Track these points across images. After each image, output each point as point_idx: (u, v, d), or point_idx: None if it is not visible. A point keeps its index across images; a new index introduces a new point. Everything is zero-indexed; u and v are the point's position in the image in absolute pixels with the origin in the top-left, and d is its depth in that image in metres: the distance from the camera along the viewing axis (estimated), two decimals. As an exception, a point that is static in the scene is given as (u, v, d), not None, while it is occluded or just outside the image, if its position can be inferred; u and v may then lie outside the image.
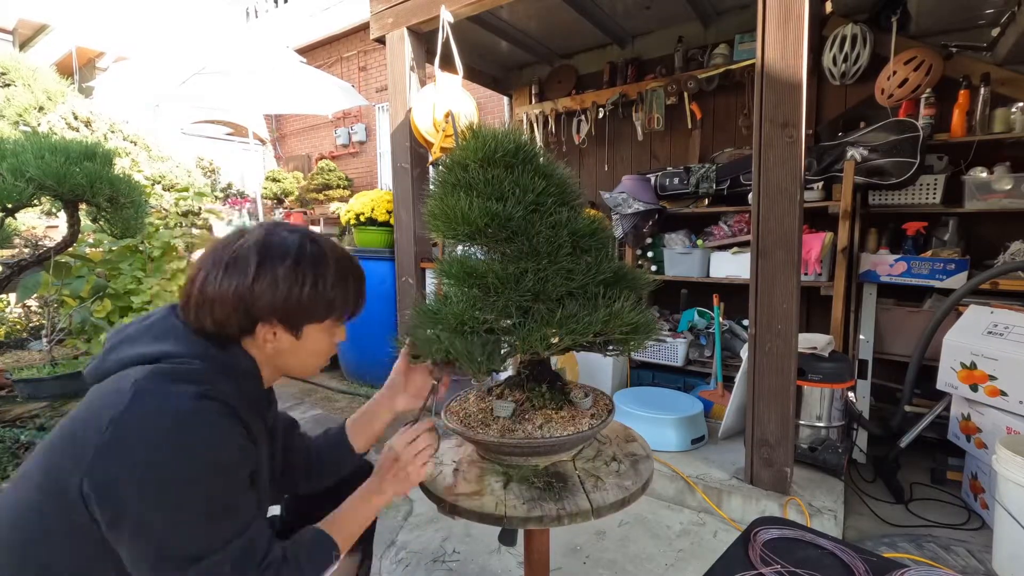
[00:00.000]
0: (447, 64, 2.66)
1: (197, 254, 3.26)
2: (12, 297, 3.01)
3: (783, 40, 1.75)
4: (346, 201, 4.17)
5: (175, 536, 0.66)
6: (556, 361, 1.02)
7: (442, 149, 2.65)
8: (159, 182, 5.38)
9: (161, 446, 0.66)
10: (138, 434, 0.66)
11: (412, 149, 2.86)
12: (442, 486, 1.00)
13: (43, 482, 0.70)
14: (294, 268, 0.78)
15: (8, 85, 6.68)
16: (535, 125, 3.82)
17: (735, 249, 2.77)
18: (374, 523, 1.16)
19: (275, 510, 0.92)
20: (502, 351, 0.95)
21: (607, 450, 1.15)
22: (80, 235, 2.23)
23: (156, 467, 0.65)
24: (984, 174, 2.31)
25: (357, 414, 1.10)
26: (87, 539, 0.68)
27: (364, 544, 1.14)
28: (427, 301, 1.03)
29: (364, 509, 0.90)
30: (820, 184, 2.55)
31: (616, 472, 1.07)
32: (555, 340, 0.91)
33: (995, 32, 2.39)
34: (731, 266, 2.79)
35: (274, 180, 7.76)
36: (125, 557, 0.68)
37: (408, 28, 2.79)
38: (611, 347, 1.02)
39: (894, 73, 2.42)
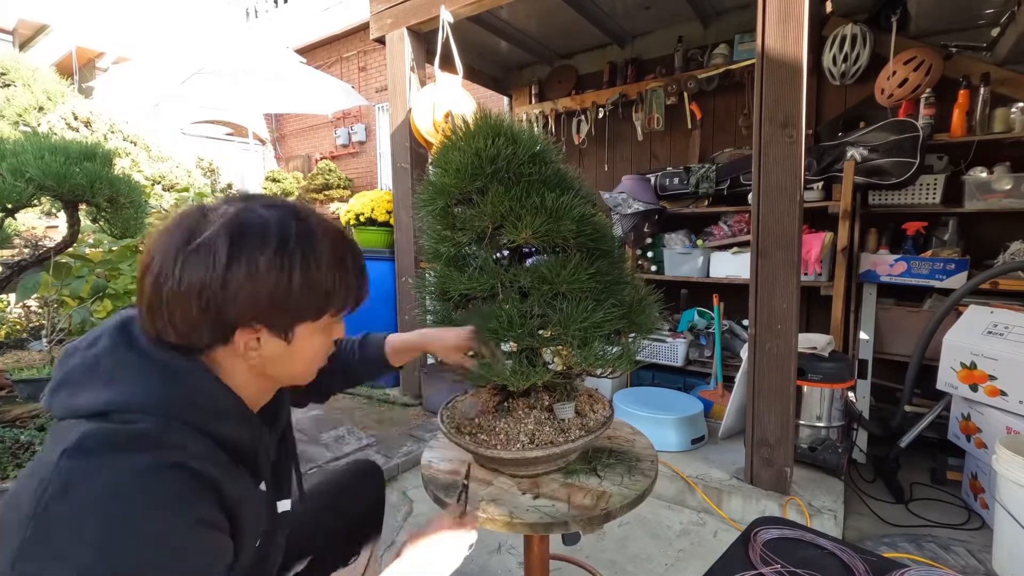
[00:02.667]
0: (447, 64, 2.66)
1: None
2: (12, 297, 3.00)
3: (783, 40, 1.75)
4: (346, 201, 4.17)
5: None
6: (553, 357, 1.01)
7: (442, 149, 2.65)
8: (159, 182, 5.38)
9: (89, 550, 0.50)
10: (62, 533, 0.51)
11: (412, 149, 2.86)
12: (551, 514, 0.92)
13: None
14: (278, 253, 0.60)
15: (8, 85, 6.68)
16: (535, 125, 3.82)
17: (735, 249, 2.77)
18: (383, 502, 1.18)
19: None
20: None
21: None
22: (80, 235, 2.23)
23: (100, 568, 0.50)
24: (984, 174, 2.31)
25: (398, 339, 1.07)
26: None
27: (374, 524, 1.16)
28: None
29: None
30: (820, 184, 2.55)
31: (630, 441, 1.17)
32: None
33: (995, 32, 2.39)
34: (731, 266, 2.79)
35: (274, 180, 7.76)
36: None
37: (408, 28, 2.79)
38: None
39: (894, 73, 2.42)
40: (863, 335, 2.47)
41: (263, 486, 0.73)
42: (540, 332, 0.94)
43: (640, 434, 1.27)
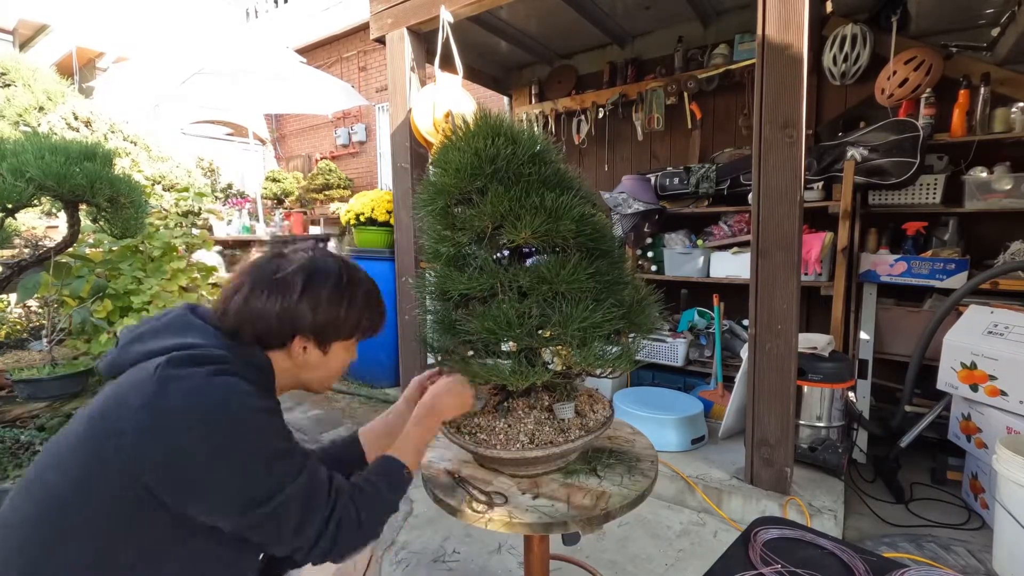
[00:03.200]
0: (447, 64, 2.66)
1: (198, 254, 3.25)
2: (12, 298, 3.01)
3: (783, 40, 1.75)
4: (346, 201, 4.17)
5: (244, 484, 0.71)
6: (552, 357, 1.02)
7: (442, 149, 2.65)
8: (159, 182, 5.38)
9: (200, 417, 0.70)
10: (175, 413, 0.70)
11: (412, 149, 2.86)
12: (550, 514, 0.94)
13: (82, 473, 0.72)
14: (335, 291, 0.87)
15: (8, 85, 6.68)
16: (535, 125, 3.82)
17: (735, 249, 2.77)
18: None
19: None
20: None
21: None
22: (80, 235, 2.23)
23: (202, 436, 0.70)
24: (984, 174, 2.31)
25: (373, 425, 1.11)
26: (127, 521, 0.71)
27: None
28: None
29: (424, 434, 0.97)
30: (820, 184, 2.55)
31: (630, 441, 1.17)
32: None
33: (995, 32, 2.39)
34: (731, 266, 2.79)
35: (274, 180, 7.75)
36: (208, 516, 0.72)
37: (408, 28, 2.79)
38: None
39: (894, 73, 2.42)
40: (863, 335, 2.47)
41: None
42: (539, 332, 0.94)
43: (640, 434, 1.27)
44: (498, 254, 1.04)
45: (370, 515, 0.81)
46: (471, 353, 1.06)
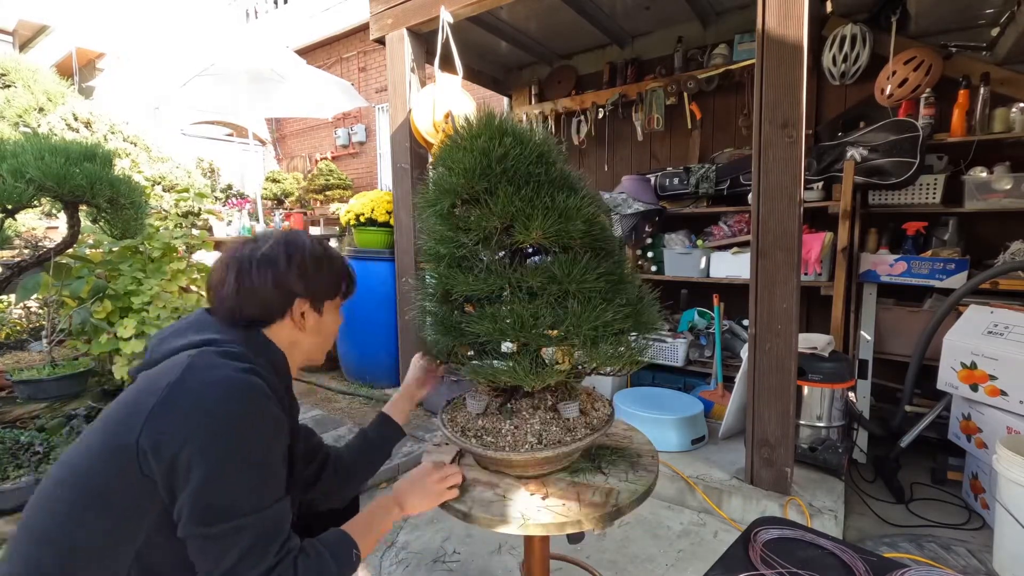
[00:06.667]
0: (447, 64, 2.66)
1: (198, 255, 3.25)
2: (12, 298, 3.00)
3: (783, 40, 1.75)
4: (346, 202, 4.17)
5: (216, 486, 0.71)
6: (563, 357, 1.02)
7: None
8: (159, 183, 5.38)
9: (214, 404, 0.74)
10: (193, 394, 0.75)
11: (412, 150, 2.86)
12: (563, 514, 0.94)
13: (102, 446, 0.76)
14: (313, 256, 0.96)
15: (8, 86, 6.68)
16: (536, 125, 3.82)
17: (735, 249, 2.77)
18: (357, 502, 1.23)
19: None
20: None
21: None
22: (80, 236, 2.23)
23: (208, 422, 0.73)
24: (984, 174, 2.32)
25: (390, 404, 1.28)
26: (133, 505, 0.74)
27: None
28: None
29: (382, 518, 0.96)
30: (820, 184, 2.55)
31: (627, 438, 1.18)
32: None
33: (995, 32, 2.39)
34: (731, 266, 2.79)
35: (274, 181, 7.75)
36: (176, 514, 0.72)
37: (408, 29, 2.79)
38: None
39: (894, 73, 2.42)
40: (863, 335, 2.47)
41: None
42: (549, 332, 0.94)
43: (636, 430, 1.28)
44: (500, 254, 1.04)
45: None
46: (471, 354, 1.05)
